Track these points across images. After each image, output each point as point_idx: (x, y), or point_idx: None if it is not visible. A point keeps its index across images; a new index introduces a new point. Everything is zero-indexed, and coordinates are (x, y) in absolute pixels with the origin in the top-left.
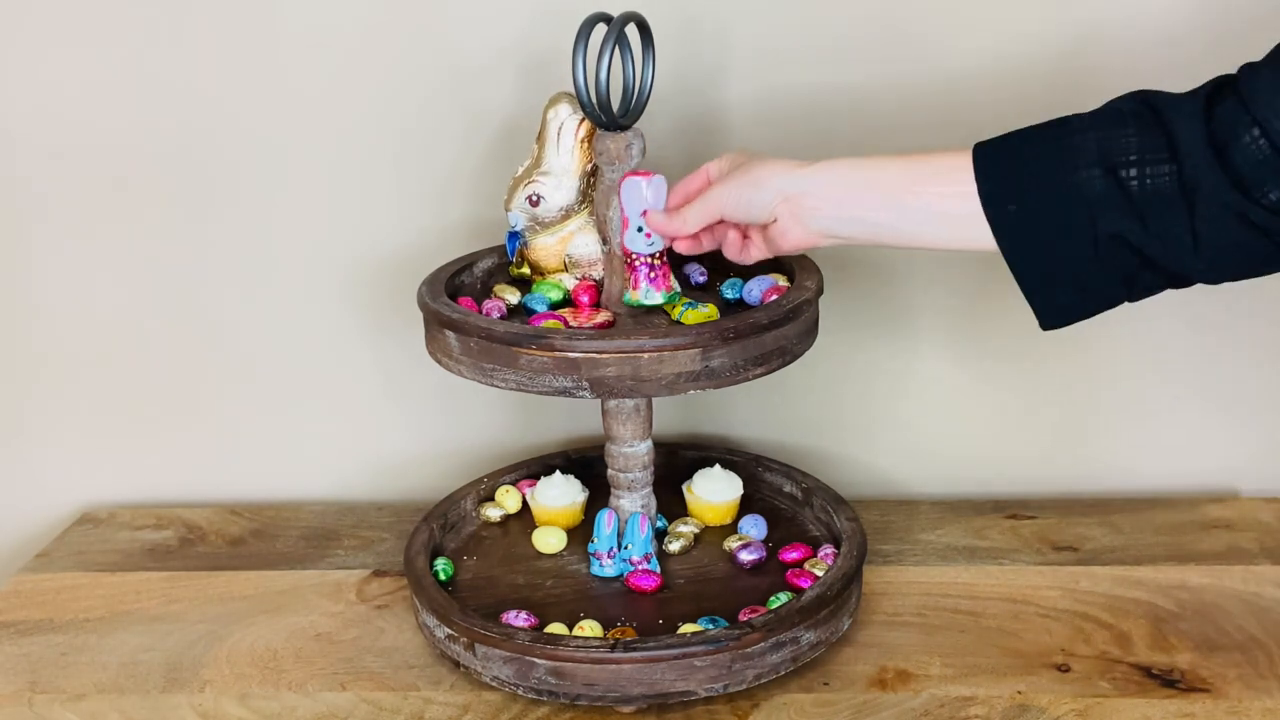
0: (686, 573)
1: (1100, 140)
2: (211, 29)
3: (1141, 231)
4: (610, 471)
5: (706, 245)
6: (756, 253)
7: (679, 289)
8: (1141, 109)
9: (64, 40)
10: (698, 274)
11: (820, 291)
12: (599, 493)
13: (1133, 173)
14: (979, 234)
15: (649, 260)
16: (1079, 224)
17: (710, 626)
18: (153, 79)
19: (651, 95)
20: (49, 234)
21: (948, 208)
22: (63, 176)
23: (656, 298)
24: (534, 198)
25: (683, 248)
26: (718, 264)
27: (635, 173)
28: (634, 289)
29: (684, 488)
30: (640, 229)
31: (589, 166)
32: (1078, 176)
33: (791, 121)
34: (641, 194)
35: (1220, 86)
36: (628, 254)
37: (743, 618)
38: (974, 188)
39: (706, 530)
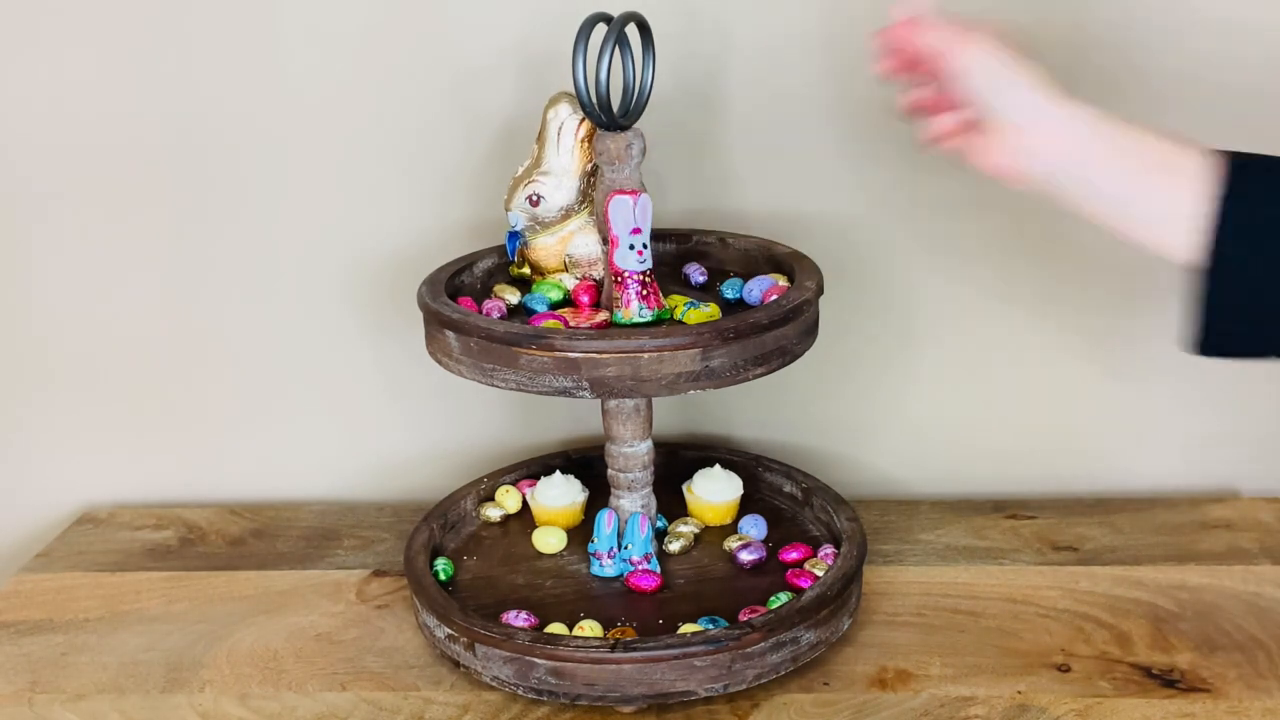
0: (686, 573)
1: None
2: (213, 30)
3: None
4: (610, 471)
5: (905, 72)
6: (946, 126)
7: (669, 307)
8: None
9: (65, 40)
10: (698, 274)
11: (820, 291)
12: (599, 493)
13: None
14: (1174, 237)
15: (640, 278)
16: None
17: (710, 626)
18: (154, 80)
19: (651, 95)
20: (49, 234)
21: (1169, 203)
22: (63, 176)
23: (647, 315)
24: (534, 198)
25: (886, 56)
26: (717, 264)
27: (621, 191)
28: (625, 308)
29: (684, 488)
30: (632, 246)
31: (589, 166)
32: None
33: (792, 120)
34: (630, 212)
35: None
36: (618, 272)
37: (743, 618)
38: (1204, 192)
39: (706, 530)
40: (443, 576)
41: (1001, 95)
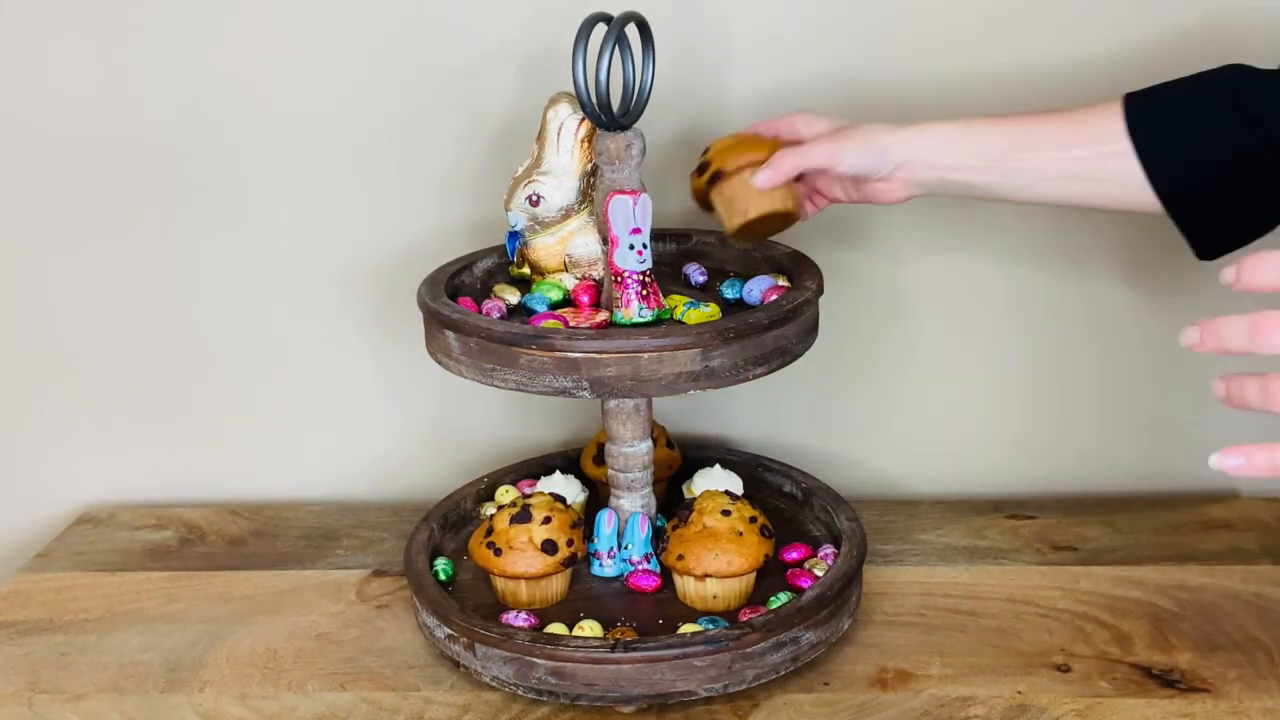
0: None
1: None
2: (210, 30)
3: None
4: (610, 471)
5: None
6: (838, 195)
7: (669, 307)
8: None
9: (63, 41)
10: (698, 274)
11: (820, 291)
12: (599, 493)
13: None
14: (1113, 187)
15: (640, 278)
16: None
17: (710, 626)
18: (152, 80)
19: (651, 95)
20: (48, 234)
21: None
22: (62, 177)
23: (647, 315)
24: (534, 197)
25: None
26: (718, 264)
27: (621, 191)
28: (625, 308)
29: (684, 488)
30: (632, 246)
31: (589, 166)
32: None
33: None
34: (630, 212)
35: None
36: (619, 272)
37: (743, 618)
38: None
39: None
40: (443, 576)
41: (886, 158)
